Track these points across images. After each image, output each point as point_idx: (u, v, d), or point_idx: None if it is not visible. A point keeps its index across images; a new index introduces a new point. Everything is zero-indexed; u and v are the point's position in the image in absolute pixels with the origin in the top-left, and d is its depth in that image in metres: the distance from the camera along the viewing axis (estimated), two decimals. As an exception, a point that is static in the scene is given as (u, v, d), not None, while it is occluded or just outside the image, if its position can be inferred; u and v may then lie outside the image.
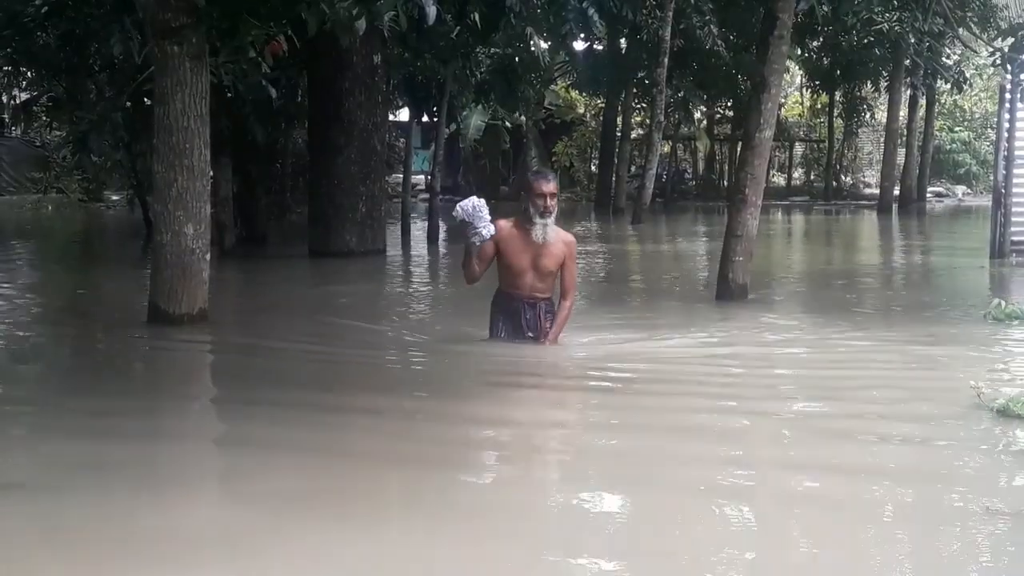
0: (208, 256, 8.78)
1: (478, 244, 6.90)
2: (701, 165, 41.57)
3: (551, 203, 6.91)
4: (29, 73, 18.83)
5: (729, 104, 36.30)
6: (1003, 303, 8.82)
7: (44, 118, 23.31)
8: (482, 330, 7.29)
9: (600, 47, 31.00)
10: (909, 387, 6.55)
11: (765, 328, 8.88)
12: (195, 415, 6.19)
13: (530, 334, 7.09)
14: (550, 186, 6.97)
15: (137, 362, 7.82)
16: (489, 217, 6.88)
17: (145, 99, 14.41)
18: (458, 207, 6.86)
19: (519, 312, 7.10)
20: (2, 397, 6.44)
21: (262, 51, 8.57)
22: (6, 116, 36.99)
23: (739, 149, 25.57)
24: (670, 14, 24.66)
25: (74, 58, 15.66)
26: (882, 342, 8.13)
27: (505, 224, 7.02)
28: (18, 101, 33.63)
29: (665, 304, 10.81)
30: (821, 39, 31.68)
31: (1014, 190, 13.98)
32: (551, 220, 6.94)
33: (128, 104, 15.67)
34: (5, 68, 17.04)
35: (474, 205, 6.84)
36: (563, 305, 7.16)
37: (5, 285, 12.17)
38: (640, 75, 29.77)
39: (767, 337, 8.43)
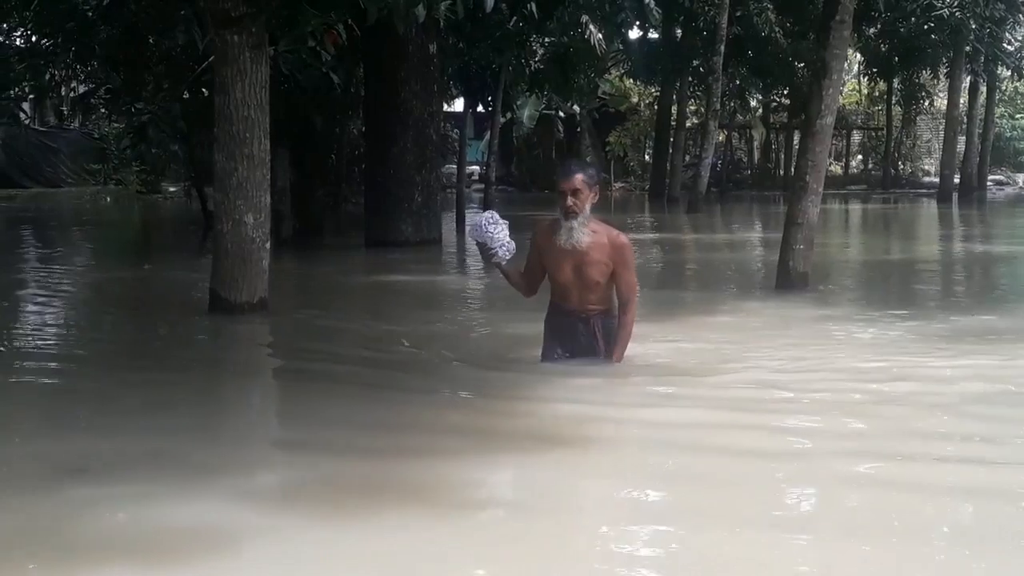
0: (268, 245, 8.79)
1: (503, 266, 5.99)
2: (756, 154, 41.21)
3: (573, 202, 5.76)
4: (88, 67, 19.02)
5: (785, 92, 35.95)
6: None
7: (102, 110, 23.57)
8: (537, 331, 6.57)
9: (655, 35, 30.82)
10: (978, 382, 6.28)
11: (829, 321, 8.72)
12: (249, 408, 6.19)
13: (586, 348, 6.14)
14: (570, 182, 5.78)
15: (198, 350, 7.84)
16: (505, 235, 5.87)
17: (203, 90, 14.53)
18: (469, 228, 6.00)
19: (573, 328, 6.16)
20: (65, 385, 6.51)
21: (321, 40, 8.57)
22: (65, 109, 37.48)
23: (796, 137, 25.34)
24: (727, 1, 24.49)
25: (132, 50, 15.80)
26: (948, 334, 7.97)
27: (544, 227, 6.08)
28: (76, 93, 34.08)
29: (726, 295, 10.68)
30: (879, 25, 31.26)
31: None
32: (577, 222, 5.81)
33: (186, 95, 15.80)
34: (66, 61, 17.21)
35: (482, 224, 5.83)
36: (622, 321, 6.04)
37: (66, 276, 12.32)
38: (696, 63, 29.57)
39: (833, 334, 8.18)
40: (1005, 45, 31.55)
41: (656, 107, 35.21)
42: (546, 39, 20.59)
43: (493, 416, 5.53)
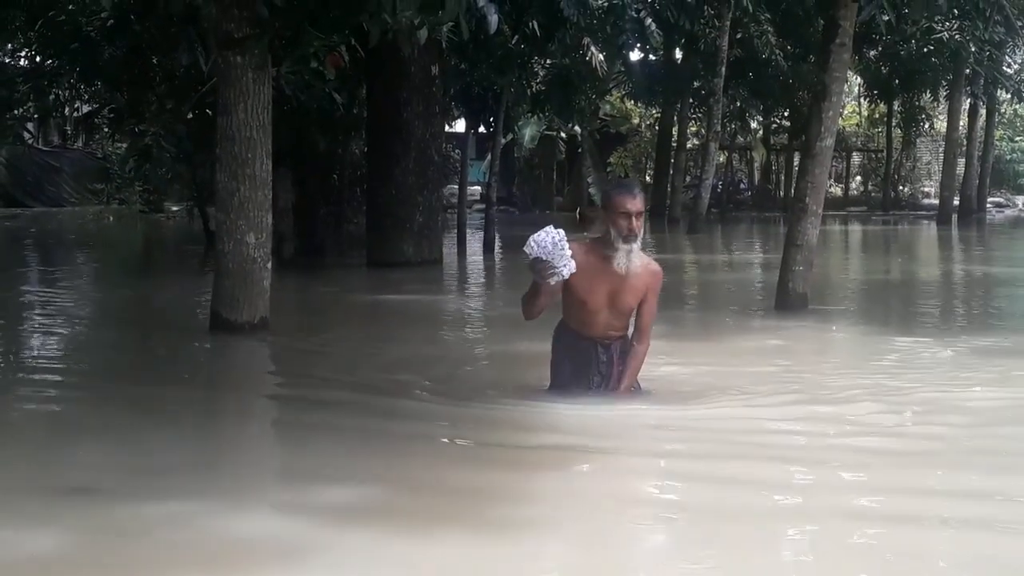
0: (269, 265, 8.82)
1: (552, 284, 5.47)
2: (757, 175, 41.29)
3: (638, 224, 5.54)
4: (92, 87, 19.12)
5: (786, 114, 36.06)
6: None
7: (105, 130, 23.67)
8: (538, 351, 6.45)
9: (656, 57, 30.92)
10: (982, 406, 6.25)
11: (827, 342, 8.76)
12: (255, 424, 6.21)
13: (599, 380, 5.84)
14: (637, 203, 5.55)
15: (200, 370, 7.88)
16: (570, 252, 5.41)
17: (207, 111, 14.59)
18: (532, 242, 5.35)
19: (590, 354, 5.85)
20: (69, 403, 6.53)
21: (323, 61, 8.63)
22: (68, 128, 37.57)
23: (796, 159, 25.39)
24: (727, 23, 24.61)
25: (136, 71, 15.88)
26: (948, 355, 7.97)
27: (577, 249, 5.57)
28: (80, 113, 34.22)
29: (726, 316, 10.67)
30: (880, 48, 31.37)
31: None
32: (637, 245, 5.59)
33: (189, 116, 15.85)
34: (70, 81, 17.30)
35: (554, 241, 5.35)
36: (636, 351, 5.84)
37: (68, 295, 12.34)
38: (696, 85, 29.67)
39: (831, 357, 8.18)
40: (1004, 68, 31.61)
41: (657, 128, 35.31)
42: (548, 61, 20.68)
43: (502, 440, 5.47)
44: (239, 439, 5.73)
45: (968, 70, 29.43)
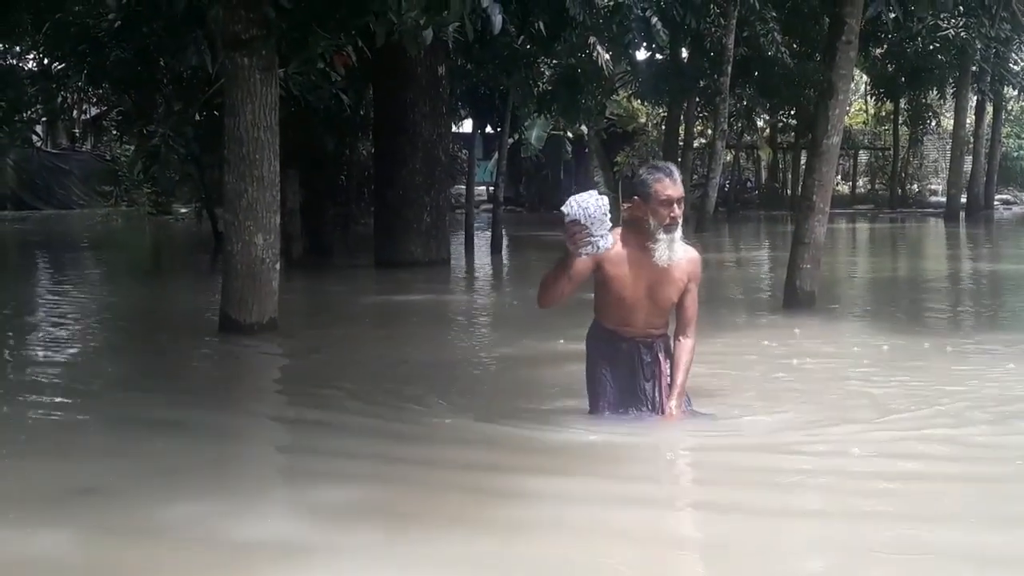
0: (278, 266, 8.85)
1: (585, 256, 4.88)
2: (764, 174, 41.25)
3: (680, 211, 5.06)
4: (99, 89, 19.18)
5: (792, 112, 35.99)
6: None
7: (114, 132, 23.72)
8: (546, 351, 6.49)
9: (662, 56, 30.89)
10: (1005, 414, 5.96)
11: (835, 342, 8.66)
12: (263, 427, 6.20)
13: (650, 385, 5.31)
14: (678, 188, 5.02)
15: (209, 371, 7.90)
16: (611, 223, 4.84)
17: (215, 112, 14.64)
18: (573, 202, 4.74)
19: (633, 357, 5.31)
20: (78, 405, 6.53)
21: (331, 62, 8.66)
22: (77, 131, 37.69)
23: (803, 158, 25.36)
24: (733, 22, 24.62)
25: (143, 72, 15.94)
26: (956, 354, 7.94)
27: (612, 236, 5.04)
28: (88, 116, 34.34)
29: (734, 315, 10.64)
30: (886, 46, 31.31)
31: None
32: (679, 233, 5.09)
33: (198, 117, 15.90)
34: (78, 84, 17.35)
35: (598, 205, 4.74)
36: (684, 344, 5.28)
37: (77, 297, 12.38)
38: (703, 84, 29.63)
39: (840, 356, 8.02)
40: (1011, 65, 31.56)
41: (664, 127, 35.27)
42: (554, 60, 20.68)
43: (512, 453, 5.34)
44: (247, 442, 5.73)
45: (975, 67, 29.40)
